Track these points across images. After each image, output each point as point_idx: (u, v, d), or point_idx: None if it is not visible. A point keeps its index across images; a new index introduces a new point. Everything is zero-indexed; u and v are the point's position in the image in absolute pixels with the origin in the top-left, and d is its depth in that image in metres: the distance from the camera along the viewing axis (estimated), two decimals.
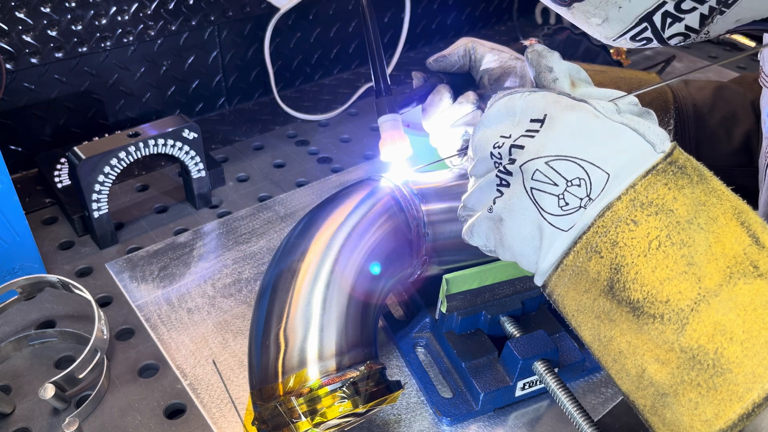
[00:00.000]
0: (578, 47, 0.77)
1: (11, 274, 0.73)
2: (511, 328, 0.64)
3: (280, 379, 0.52)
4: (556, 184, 0.41)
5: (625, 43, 0.46)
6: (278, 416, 0.50)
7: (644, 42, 0.45)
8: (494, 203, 0.45)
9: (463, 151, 0.66)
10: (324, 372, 0.52)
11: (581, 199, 0.40)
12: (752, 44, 1.36)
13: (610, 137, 0.41)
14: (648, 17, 0.42)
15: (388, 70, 1.21)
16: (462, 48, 0.65)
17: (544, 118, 0.43)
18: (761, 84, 0.58)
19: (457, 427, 0.62)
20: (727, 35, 1.37)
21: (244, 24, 1.07)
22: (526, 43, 0.73)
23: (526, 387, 0.63)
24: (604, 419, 0.63)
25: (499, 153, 0.44)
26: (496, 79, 0.64)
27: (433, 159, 0.88)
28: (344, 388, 0.51)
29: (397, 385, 0.55)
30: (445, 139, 0.66)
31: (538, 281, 0.44)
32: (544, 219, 0.42)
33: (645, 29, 0.43)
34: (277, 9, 1.04)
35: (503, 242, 0.46)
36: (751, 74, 0.76)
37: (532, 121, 0.43)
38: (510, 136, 0.44)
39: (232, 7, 1.03)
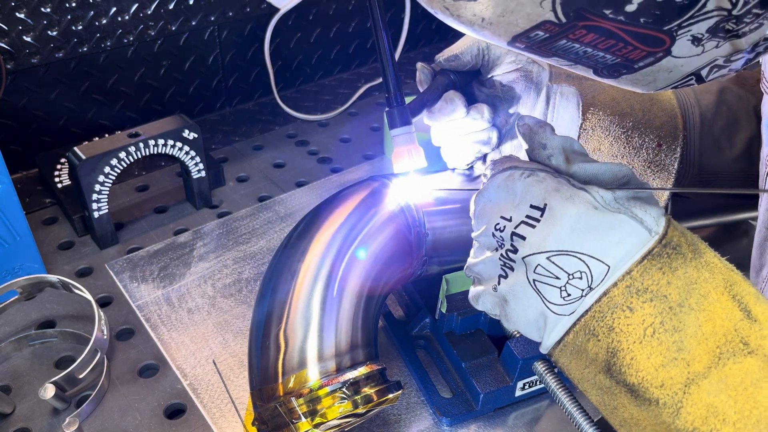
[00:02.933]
0: None
1: (11, 274, 0.73)
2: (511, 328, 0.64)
3: (280, 380, 0.52)
4: (558, 278, 0.42)
5: (664, 90, 0.46)
6: (278, 417, 0.50)
7: (683, 86, 0.45)
8: (499, 283, 0.46)
9: (475, 161, 0.65)
10: (324, 373, 0.52)
11: (582, 290, 0.42)
12: None
13: (610, 229, 0.41)
14: (696, 72, 0.42)
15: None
16: (476, 47, 0.62)
17: (544, 208, 0.43)
18: (762, 90, 0.58)
19: (457, 427, 0.62)
20: None
21: (244, 24, 1.07)
22: None
23: (526, 387, 0.63)
24: (604, 419, 0.63)
25: (501, 237, 0.45)
26: (509, 82, 0.62)
27: (432, 157, 0.87)
28: (344, 389, 0.51)
29: (397, 386, 0.55)
30: (455, 149, 0.65)
31: (544, 350, 0.46)
32: (547, 307, 0.43)
33: (690, 79, 0.42)
34: (277, 9, 1.04)
35: (508, 319, 0.47)
36: (750, 73, 0.75)
37: (532, 207, 0.44)
38: (511, 220, 0.44)
39: (232, 7, 1.03)
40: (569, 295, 0.42)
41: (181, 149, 0.82)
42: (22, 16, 0.85)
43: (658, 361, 0.39)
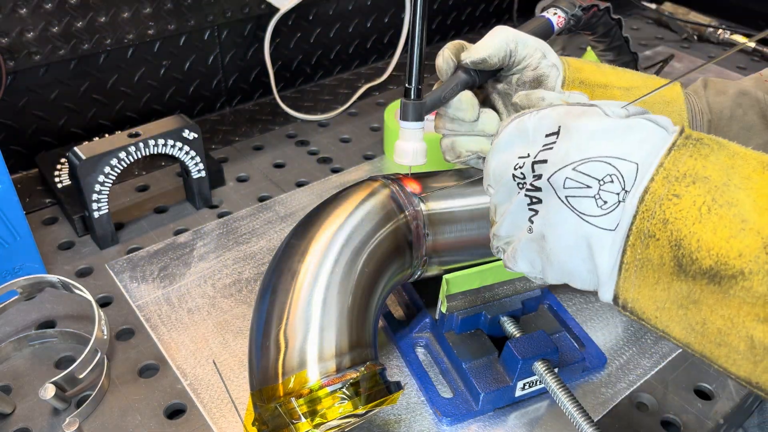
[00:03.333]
0: (605, 27, 0.75)
1: (11, 274, 0.73)
2: (511, 328, 0.64)
3: (280, 380, 0.52)
4: (589, 187, 0.41)
5: None
6: (278, 417, 0.51)
7: None
8: (532, 222, 0.45)
9: (470, 159, 0.65)
10: (324, 373, 0.52)
11: (617, 194, 0.40)
12: (752, 44, 1.36)
13: (627, 131, 0.41)
14: None
15: (388, 71, 1.21)
16: (504, 50, 0.61)
17: (559, 130, 0.43)
18: None
19: (457, 427, 0.62)
20: (728, 35, 1.37)
21: (244, 24, 1.07)
22: (548, 15, 0.70)
23: (526, 387, 0.63)
24: (604, 419, 0.63)
25: (521, 173, 0.44)
26: (526, 83, 0.62)
27: (435, 155, 0.88)
28: (344, 389, 0.51)
29: (397, 386, 0.55)
30: (453, 144, 0.65)
31: (607, 294, 0.43)
32: (588, 222, 0.41)
33: None
34: (277, 9, 1.04)
35: (551, 259, 0.45)
36: None
37: (547, 135, 0.44)
38: (528, 155, 0.44)
39: (231, 7, 1.03)
40: (605, 202, 0.41)
41: (181, 149, 0.82)
42: (22, 15, 0.85)
43: (726, 233, 0.38)
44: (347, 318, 0.54)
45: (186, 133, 0.81)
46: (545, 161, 0.43)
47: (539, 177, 0.43)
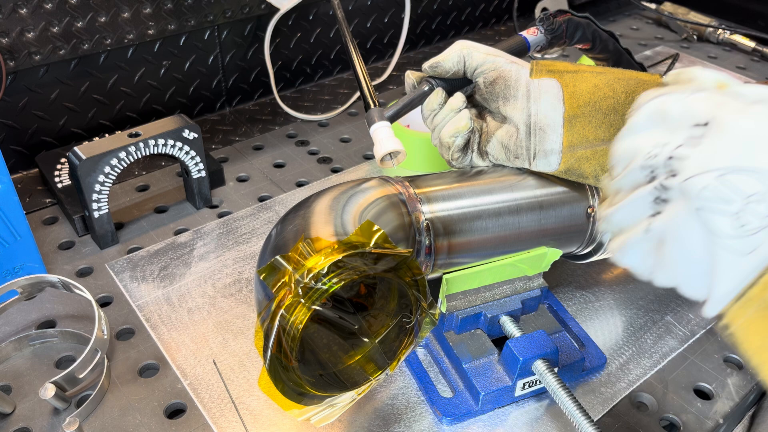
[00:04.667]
0: (584, 31, 0.75)
1: (11, 274, 0.73)
2: (511, 328, 0.64)
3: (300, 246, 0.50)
4: (730, 202, 0.35)
5: None
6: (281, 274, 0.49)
7: None
8: (652, 222, 0.40)
9: (462, 152, 0.66)
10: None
11: (764, 217, 0.34)
12: (752, 44, 1.36)
13: None
14: None
15: (388, 71, 1.21)
16: (456, 54, 0.65)
17: (708, 123, 0.37)
18: None
19: (457, 426, 0.62)
20: (728, 35, 1.37)
21: (244, 24, 1.07)
22: (524, 34, 0.72)
23: (526, 387, 0.63)
24: (604, 419, 0.63)
25: (652, 166, 0.39)
26: (491, 82, 0.64)
27: (432, 157, 0.88)
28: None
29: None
30: (440, 140, 0.67)
31: (712, 311, 0.38)
32: (717, 243, 0.36)
33: None
34: (277, 9, 1.04)
35: (664, 266, 0.41)
36: (763, 83, 0.75)
37: (695, 126, 0.37)
38: (667, 144, 0.38)
39: (231, 7, 1.03)
40: (744, 225, 0.35)
41: (181, 149, 0.82)
42: (22, 15, 0.85)
43: None
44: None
45: (186, 133, 0.81)
46: (684, 159, 0.37)
47: (673, 176, 0.38)
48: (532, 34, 0.73)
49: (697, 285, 0.39)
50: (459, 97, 0.65)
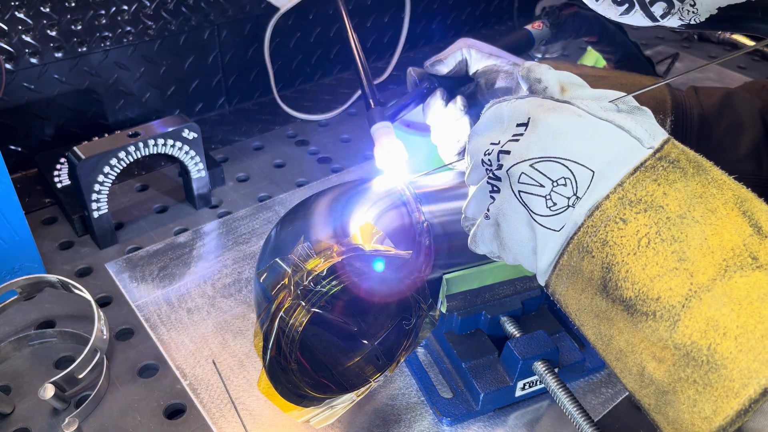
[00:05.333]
0: (590, 24, 0.74)
1: (11, 274, 0.73)
2: (511, 328, 0.64)
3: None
4: (542, 185, 0.41)
5: (609, 8, 0.45)
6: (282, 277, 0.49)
7: (627, 6, 0.44)
8: (488, 209, 0.46)
9: (460, 154, 0.66)
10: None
11: (568, 198, 0.41)
12: (752, 44, 1.36)
13: (594, 135, 0.41)
14: None
15: (388, 71, 1.21)
16: (459, 52, 0.65)
17: (528, 122, 0.43)
18: None
19: (457, 427, 0.62)
20: (728, 35, 1.37)
21: (244, 24, 1.07)
22: (528, 28, 0.72)
23: (526, 387, 0.62)
24: (604, 419, 0.63)
25: (489, 160, 0.45)
26: (492, 84, 0.64)
27: (433, 158, 0.88)
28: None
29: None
30: (441, 141, 0.66)
31: (541, 281, 0.45)
32: (535, 220, 0.42)
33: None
34: (276, 9, 1.04)
35: (504, 246, 0.46)
36: (760, 81, 0.75)
37: (518, 125, 0.44)
38: (499, 143, 0.44)
39: (231, 7, 1.02)
40: (555, 204, 0.41)
41: (180, 149, 0.82)
42: (22, 16, 0.85)
43: (654, 272, 0.38)
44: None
45: (186, 133, 0.81)
46: (509, 152, 0.43)
47: (500, 167, 0.44)
48: (536, 28, 0.72)
49: (530, 261, 0.45)
50: (460, 103, 0.65)
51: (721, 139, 0.69)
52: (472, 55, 0.65)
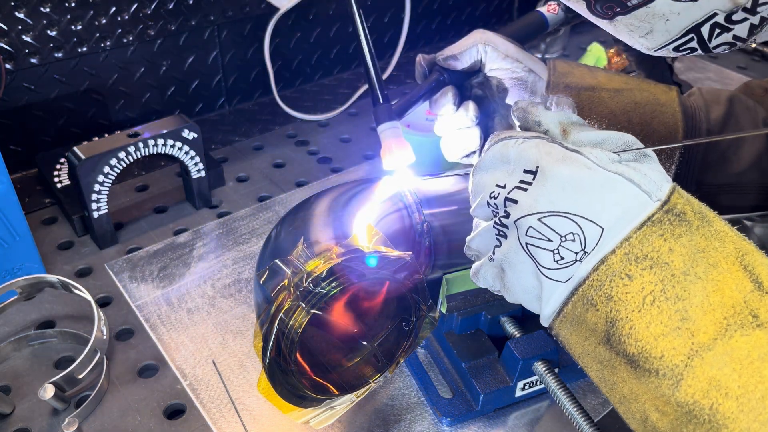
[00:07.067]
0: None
1: (11, 274, 0.73)
2: (511, 329, 0.64)
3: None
4: (550, 240, 0.41)
5: (666, 53, 0.45)
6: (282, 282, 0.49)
7: (687, 52, 0.44)
8: (494, 253, 0.46)
9: (464, 157, 0.66)
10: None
11: (576, 253, 0.40)
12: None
13: (604, 189, 0.40)
14: (696, 29, 0.41)
15: (388, 71, 1.21)
16: (474, 49, 0.63)
17: (536, 171, 0.42)
18: None
19: (457, 427, 0.62)
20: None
21: (244, 24, 1.07)
22: (542, 10, 0.69)
23: (526, 387, 0.62)
24: (604, 419, 0.63)
25: (495, 204, 0.44)
26: (503, 89, 0.62)
27: (433, 159, 0.87)
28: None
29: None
30: (448, 142, 0.66)
31: (544, 324, 0.45)
32: (541, 272, 0.42)
33: (691, 40, 0.42)
34: (277, 9, 1.04)
35: (507, 289, 0.46)
36: (758, 82, 0.75)
37: (525, 171, 0.43)
38: (505, 186, 0.44)
39: (231, 7, 1.02)
40: (563, 258, 0.41)
41: (180, 149, 0.82)
42: (21, 16, 0.85)
43: (658, 331, 0.38)
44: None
45: (186, 133, 0.81)
46: (516, 201, 0.43)
47: (508, 215, 0.43)
48: (552, 12, 0.69)
49: (534, 306, 0.45)
50: (472, 111, 0.63)
51: (724, 151, 0.68)
52: (488, 53, 0.63)
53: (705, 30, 0.41)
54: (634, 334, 0.39)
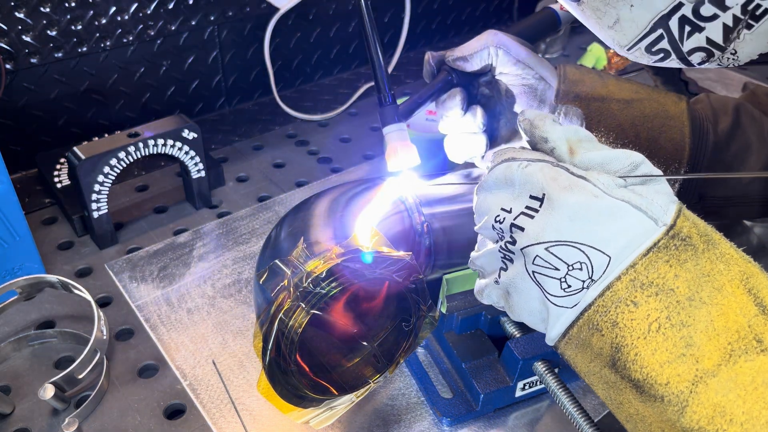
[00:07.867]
0: None
1: (11, 274, 0.73)
2: (511, 328, 0.64)
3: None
4: (557, 269, 0.41)
5: (641, 55, 0.44)
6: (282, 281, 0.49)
7: (662, 56, 0.43)
8: (500, 276, 0.46)
9: (469, 159, 0.65)
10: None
11: (583, 281, 0.40)
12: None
13: (611, 218, 0.40)
14: (663, 22, 0.41)
15: (388, 70, 1.21)
16: (485, 52, 0.62)
17: (543, 198, 0.42)
18: None
19: (457, 427, 0.62)
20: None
21: (244, 24, 1.07)
22: (554, 7, 0.68)
23: (526, 387, 0.62)
24: (604, 419, 0.63)
25: (501, 228, 0.44)
26: (512, 95, 0.62)
27: (432, 159, 0.88)
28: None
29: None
30: (452, 143, 0.66)
31: (549, 344, 0.45)
32: (548, 300, 0.42)
33: (661, 38, 0.42)
34: (277, 9, 1.04)
35: (512, 311, 0.46)
36: (765, 89, 0.74)
37: (531, 197, 0.43)
38: (510, 211, 0.43)
39: (232, 7, 1.02)
40: (569, 286, 0.41)
41: (180, 149, 0.82)
42: (21, 15, 0.85)
43: (664, 358, 0.38)
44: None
45: (186, 133, 0.81)
46: (522, 229, 0.42)
47: (514, 242, 0.43)
48: (564, 9, 0.69)
49: (539, 327, 0.45)
50: (479, 117, 0.63)
51: (730, 162, 0.68)
52: (499, 57, 0.62)
53: (674, 25, 0.41)
54: (639, 360, 0.39)
